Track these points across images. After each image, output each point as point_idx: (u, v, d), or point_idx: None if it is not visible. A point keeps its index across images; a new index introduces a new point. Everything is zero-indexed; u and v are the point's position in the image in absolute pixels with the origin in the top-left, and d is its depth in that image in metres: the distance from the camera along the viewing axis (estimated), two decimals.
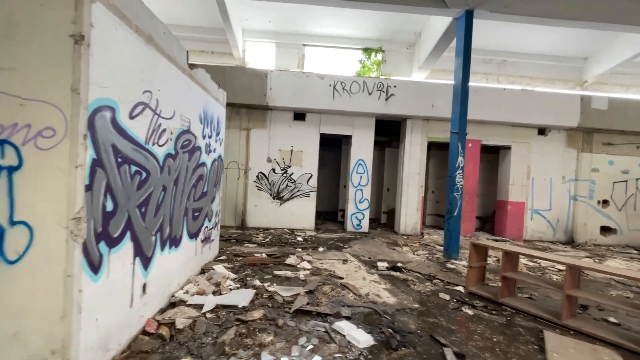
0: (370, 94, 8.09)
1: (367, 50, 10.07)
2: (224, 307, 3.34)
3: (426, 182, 9.27)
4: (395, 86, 8.14)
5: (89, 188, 2.01)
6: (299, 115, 8.41)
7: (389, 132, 9.62)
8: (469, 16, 6.14)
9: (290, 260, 5.21)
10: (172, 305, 3.34)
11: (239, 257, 5.30)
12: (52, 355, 1.92)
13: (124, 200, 2.42)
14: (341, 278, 4.58)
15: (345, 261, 5.51)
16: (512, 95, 8.42)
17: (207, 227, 4.65)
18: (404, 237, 8.26)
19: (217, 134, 4.91)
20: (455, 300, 4.01)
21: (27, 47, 1.91)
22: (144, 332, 2.76)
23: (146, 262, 2.83)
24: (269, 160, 8.35)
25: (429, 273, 5.03)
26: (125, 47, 2.37)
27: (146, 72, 2.68)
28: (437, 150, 10.21)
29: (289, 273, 4.61)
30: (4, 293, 1.89)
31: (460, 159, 6.03)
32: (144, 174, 2.71)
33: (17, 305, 1.91)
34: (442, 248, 6.78)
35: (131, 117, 2.47)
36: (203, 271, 4.42)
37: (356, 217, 8.61)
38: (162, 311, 3.16)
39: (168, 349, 2.57)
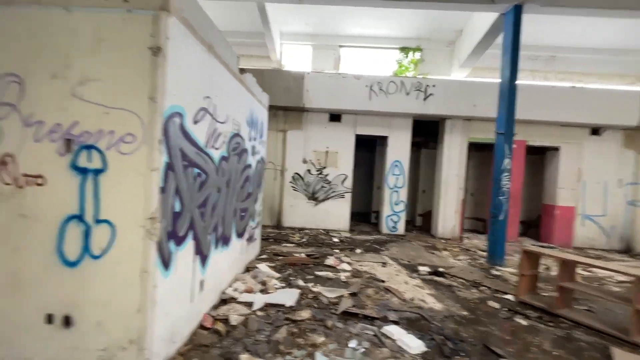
0: (407, 94, 7.94)
1: (404, 50, 9.86)
2: (272, 305, 3.43)
3: (465, 184, 8.93)
4: (434, 85, 7.92)
5: (162, 190, 2.15)
6: (335, 117, 8.43)
7: (425, 132, 9.36)
8: (517, 11, 5.83)
9: (329, 261, 5.25)
10: (223, 302, 3.48)
11: (279, 256, 5.41)
12: (130, 344, 2.08)
13: (188, 201, 2.56)
14: (383, 281, 4.54)
15: (384, 264, 5.45)
16: (561, 93, 7.90)
17: (251, 226, 4.80)
18: (442, 240, 8.02)
19: (261, 136, 5.05)
20: (506, 309, 3.83)
21: (110, 60, 2.08)
22: (201, 326, 2.91)
23: (204, 259, 2.97)
24: (305, 161, 8.45)
25: (474, 279, 4.85)
26: (192, 56, 2.50)
27: (207, 79, 2.81)
28: (476, 152, 9.80)
29: (329, 274, 4.65)
30: (91, 285, 2.07)
31: (507, 160, 5.76)
32: (204, 176, 2.85)
33: (101, 297, 2.08)
34: (484, 253, 6.52)
35: (195, 122, 2.60)
36: (247, 269, 4.56)
37: (391, 220, 8.48)
38: (215, 307, 3.31)
39: (225, 344, 2.69)
